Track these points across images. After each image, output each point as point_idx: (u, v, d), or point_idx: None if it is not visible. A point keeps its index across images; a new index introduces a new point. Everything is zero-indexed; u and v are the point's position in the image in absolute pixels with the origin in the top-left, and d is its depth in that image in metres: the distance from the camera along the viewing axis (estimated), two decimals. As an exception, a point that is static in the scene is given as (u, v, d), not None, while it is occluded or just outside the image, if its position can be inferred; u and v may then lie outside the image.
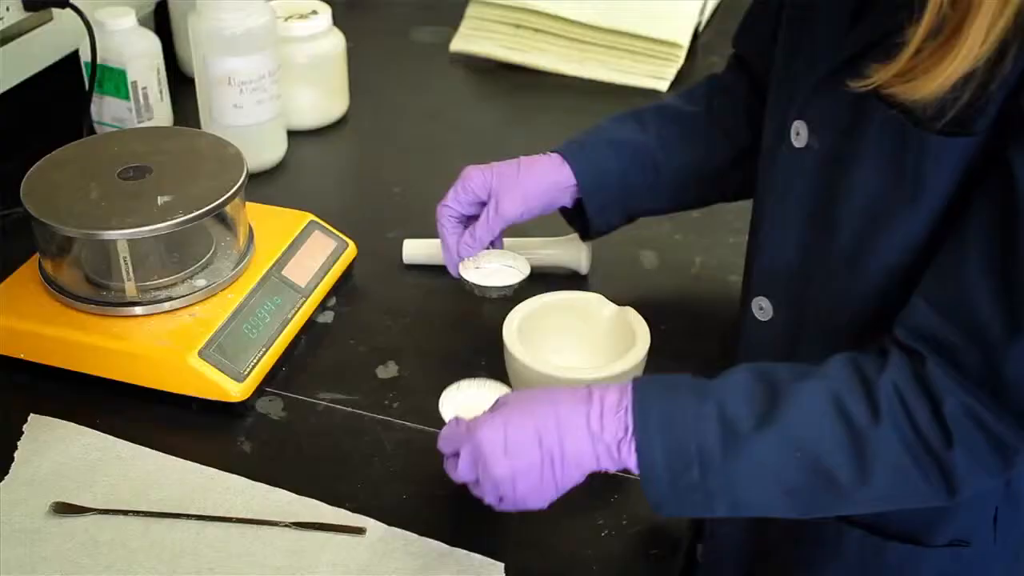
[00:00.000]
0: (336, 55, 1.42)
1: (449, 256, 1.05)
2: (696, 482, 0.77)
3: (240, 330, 1.00)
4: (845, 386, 0.76)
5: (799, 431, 0.76)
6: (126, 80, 1.32)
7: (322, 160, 1.40)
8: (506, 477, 0.79)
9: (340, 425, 0.98)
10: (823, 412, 0.76)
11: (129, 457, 0.94)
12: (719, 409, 0.77)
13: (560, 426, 0.79)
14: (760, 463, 0.76)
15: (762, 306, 0.92)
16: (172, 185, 1.01)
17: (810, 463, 0.76)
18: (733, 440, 0.76)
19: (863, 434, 0.75)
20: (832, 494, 0.77)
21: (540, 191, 1.04)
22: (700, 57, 1.66)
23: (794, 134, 0.85)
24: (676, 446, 0.77)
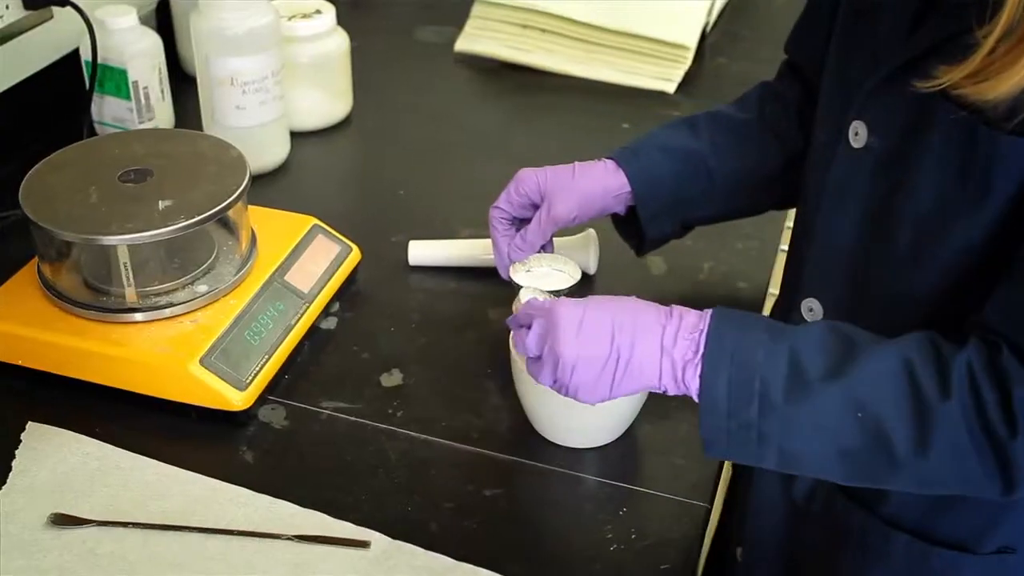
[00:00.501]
0: (340, 55, 1.40)
1: (500, 259, 1.05)
2: (752, 420, 0.77)
3: (242, 337, 0.98)
4: (920, 357, 0.76)
5: (866, 390, 0.75)
6: (127, 80, 1.30)
7: (325, 161, 1.39)
8: (570, 360, 0.80)
9: (343, 435, 0.96)
10: (894, 376, 0.75)
11: (129, 467, 0.92)
12: (791, 351, 0.77)
13: (635, 329, 0.80)
14: (821, 414, 0.76)
15: (812, 308, 0.92)
16: (173, 189, 0.99)
17: (871, 425, 0.75)
18: (799, 384, 0.76)
19: (929, 406, 0.74)
20: (886, 462, 0.76)
21: (594, 196, 1.03)
22: (708, 58, 1.64)
23: (852, 134, 0.85)
24: (741, 378, 0.77)
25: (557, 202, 1.02)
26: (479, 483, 0.91)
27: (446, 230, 1.22)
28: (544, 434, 0.96)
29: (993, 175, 0.75)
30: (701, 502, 0.90)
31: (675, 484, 0.92)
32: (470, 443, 0.95)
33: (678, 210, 1.06)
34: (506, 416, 0.98)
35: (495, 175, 1.33)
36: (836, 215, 0.88)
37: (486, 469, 0.93)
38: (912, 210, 0.80)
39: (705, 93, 1.55)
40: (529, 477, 0.93)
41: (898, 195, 0.82)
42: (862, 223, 0.86)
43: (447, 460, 0.94)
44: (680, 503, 0.90)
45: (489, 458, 0.94)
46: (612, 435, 0.95)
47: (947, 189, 0.78)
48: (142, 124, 1.33)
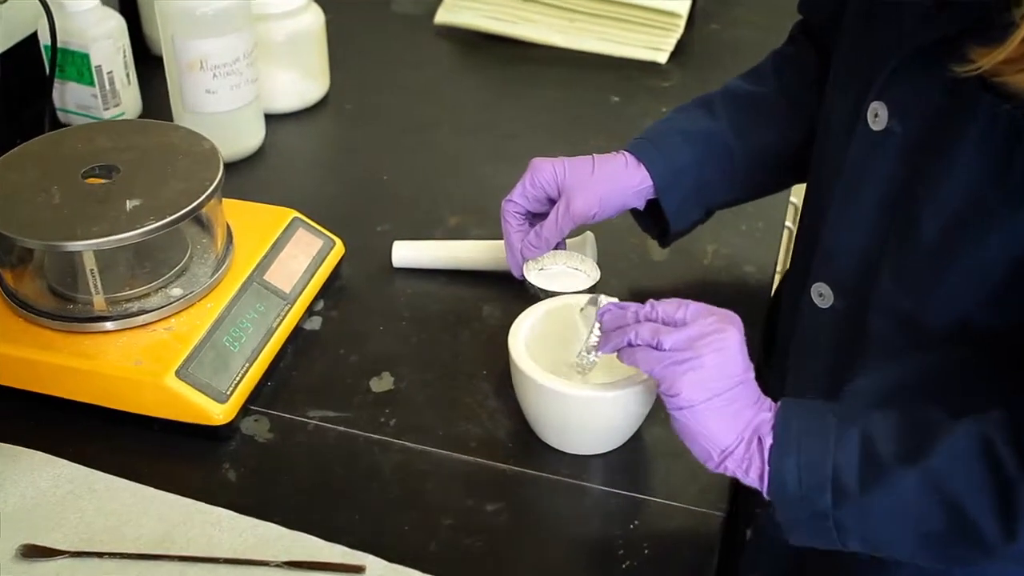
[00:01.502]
0: (315, 31, 1.32)
1: (513, 256, 0.99)
2: (827, 509, 0.73)
3: (221, 343, 0.92)
4: (999, 431, 0.70)
5: (944, 472, 0.70)
6: (89, 64, 1.23)
7: (303, 145, 1.31)
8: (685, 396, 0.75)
9: (332, 447, 0.90)
10: (973, 456, 0.70)
11: (103, 490, 0.86)
12: (862, 434, 0.73)
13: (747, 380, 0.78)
14: (898, 500, 0.71)
15: (822, 292, 0.86)
16: (142, 187, 0.92)
17: (952, 508, 0.70)
18: (873, 470, 0.71)
19: (1012, 487, 0.68)
20: (972, 545, 0.71)
21: (615, 192, 0.97)
22: (699, 25, 1.57)
23: (871, 115, 0.78)
24: (811, 464, 0.73)
25: (577, 198, 0.96)
26: (480, 497, 0.86)
27: (434, 218, 1.16)
28: (546, 440, 0.90)
29: None
30: (716, 511, 0.85)
31: (688, 491, 0.86)
32: (468, 452, 0.89)
33: (702, 197, 1.01)
34: (505, 421, 0.92)
35: (480, 155, 1.28)
36: (851, 200, 0.82)
37: (486, 481, 0.87)
38: (938, 204, 0.74)
39: (698, 62, 1.49)
40: (532, 488, 0.87)
41: (922, 185, 0.76)
42: (880, 210, 0.80)
43: (444, 472, 0.88)
44: (694, 512, 0.85)
45: (489, 468, 0.88)
46: (620, 440, 0.89)
47: (984, 188, 0.72)
48: (107, 111, 1.26)
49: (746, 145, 0.99)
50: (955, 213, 0.74)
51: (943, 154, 0.73)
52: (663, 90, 1.42)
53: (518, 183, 0.99)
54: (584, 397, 0.84)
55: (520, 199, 0.98)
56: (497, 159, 1.26)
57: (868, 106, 0.79)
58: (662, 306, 0.80)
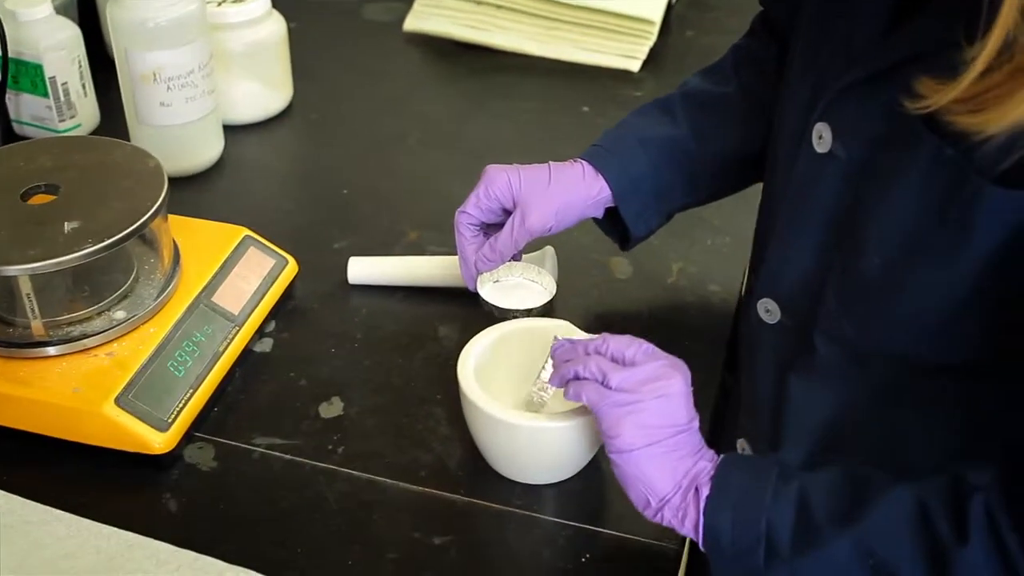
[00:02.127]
0: (276, 41, 1.29)
1: (467, 269, 0.97)
2: (759, 567, 0.70)
3: (164, 369, 0.89)
4: (935, 497, 0.68)
5: (878, 537, 0.68)
6: (43, 75, 1.20)
7: (262, 158, 1.28)
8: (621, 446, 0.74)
9: (278, 476, 0.87)
10: (907, 521, 0.68)
11: (38, 522, 0.83)
12: (800, 493, 0.70)
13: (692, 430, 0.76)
14: (830, 564, 0.69)
15: (768, 308, 0.84)
16: (82, 207, 0.90)
17: (883, 573, 0.68)
18: (807, 532, 0.69)
19: (946, 554, 0.66)
20: None
21: (572, 204, 0.94)
22: (675, 32, 1.55)
23: (816, 137, 0.76)
24: (745, 521, 0.70)
25: (532, 211, 0.93)
26: (427, 529, 0.83)
27: (393, 233, 1.13)
28: (498, 469, 0.87)
29: (975, 224, 0.65)
30: (672, 544, 0.82)
31: (643, 523, 0.82)
32: (417, 482, 0.86)
33: (662, 203, 0.98)
34: (456, 449, 0.89)
35: (446, 168, 1.24)
36: (796, 219, 0.80)
37: (435, 512, 0.84)
38: (880, 233, 0.72)
39: (672, 70, 1.46)
40: (482, 520, 0.84)
41: (865, 212, 0.73)
42: (824, 233, 0.78)
43: (392, 503, 0.85)
44: (649, 546, 0.82)
45: (438, 499, 0.85)
46: (573, 469, 0.87)
47: (920, 223, 0.69)
48: (63, 123, 1.23)
49: (707, 149, 0.97)
50: (896, 246, 0.71)
51: (885, 185, 0.71)
52: (635, 99, 1.39)
53: (471, 193, 0.96)
54: (534, 427, 0.81)
55: (474, 210, 0.95)
56: (464, 172, 1.22)
57: (813, 127, 0.76)
58: (614, 341, 0.78)
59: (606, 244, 1.06)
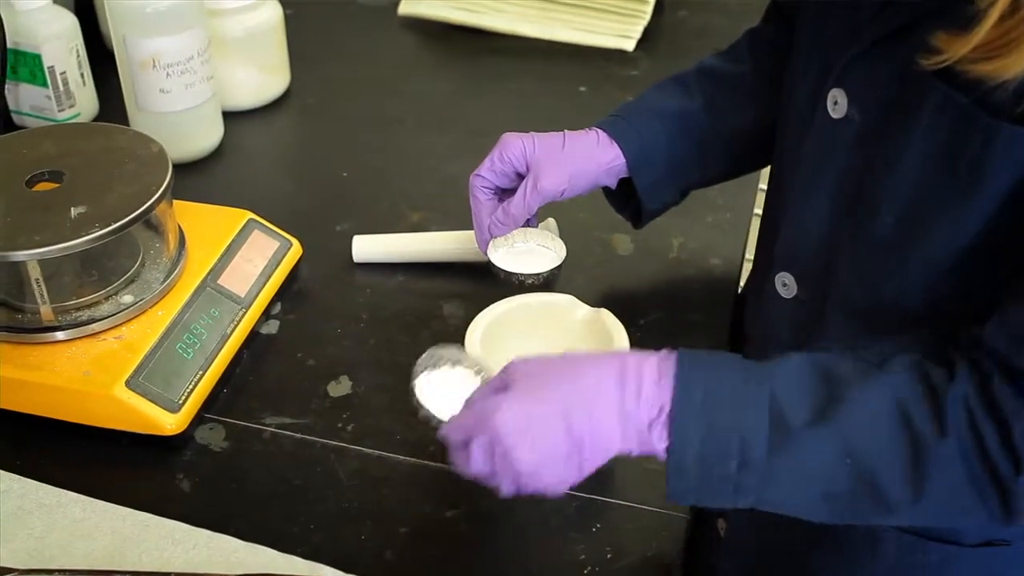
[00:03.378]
0: (273, 26, 1.30)
1: (480, 233, 0.97)
2: (730, 474, 0.68)
3: (173, 351, 0.90)
4: (912, 392, 0.68)
5: (856, 433, 0.67)
6: (42, 65, 1.20)
7: (262, 143, 1.29)
8: (531, 469, 0.70)
9: (289, 454, 0.88)
10: (886, 416, 0.67)
11: (54, 504, 0.84)
12: (771, 397, 0.68)
13: (591, 407, 0.69)
14: (807, 462, 0.68)
15: (785, 282, 0.85)
16: (87, 193, 0.90)
17: (862, 470, 0.68)
18: (782, 434, 0.67)
19: (925, 448, 0.66)
20: (876, 505, 0.69)
21: (585, 169, 0.94)
22: (668, 11, 1.55)
23: (831, 103, 0.76)
24: (717, 434, 0.68)
25: (545, 174, 0.93)
26: (437, 503, 0.84)
27: (395, 215, 1.14)
28: (507, 443, 0.88)
29: (986, 169, 0.66)
30: (680, 512, 0.83)
31: (651, 493, 0.84)
32: (427, 457, 0.87)
33: (676, 177, 0.98)
34: (465, 424, 0.90)
35: (445, 150, 1.25)
36: (811, 188, 0.81)
37: (445, 486, 0.85)
38: (893, 193, 0.73)
39: (666, 49, 1.47)
40: (491, 493, 0.84)
41: (878, 174, 0.74)
42: (839, 199, 0.78)
43: (402, 478, 0.86)
44: (658, 515, 0.83)
45: (447, 473, 0.85)
46: (581, 441, 0.87)
47: (935, 177, 0.70)
48: (62, 112, 1.23)
49: (721, 124, 0.97)
50: (907, 204, 0.72)
51: (897, 143, 0.71)
52: (631, 78, 1.40)
53: (486, 158, 0.96)
54: (542, 399, 0.82)
55: (488, 174, 0.95)
56: (461, 154, 1.23)
57: (828, 93, 0.77)
58: None
59: (608, 221, 1.07)
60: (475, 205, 0.96)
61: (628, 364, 0.70)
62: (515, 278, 0.95)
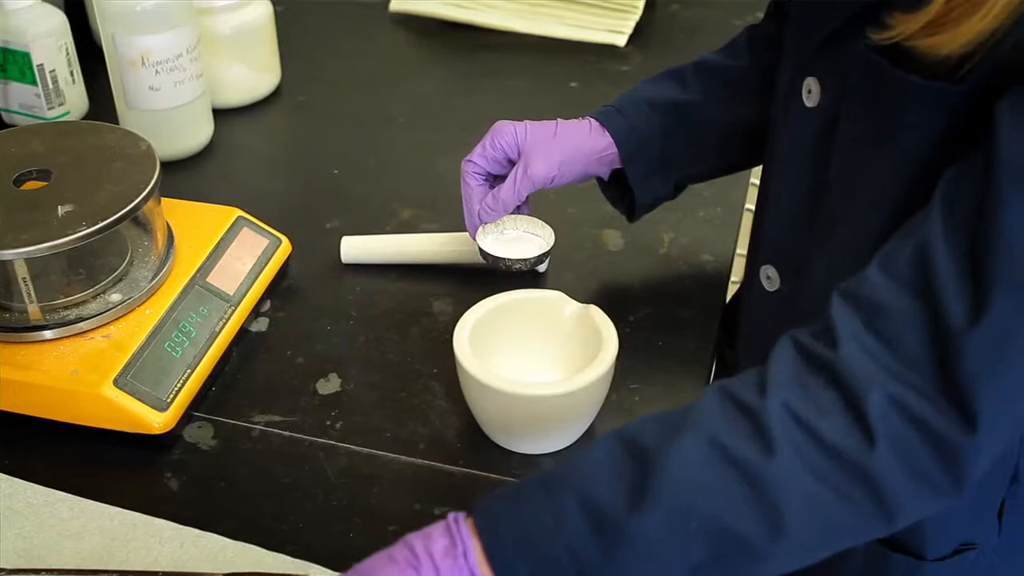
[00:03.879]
0: (263, 23, 1.30)
1: (470, 219, 0.96)
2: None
3: (161, 350, 0.90)
4: (722, 424, 0.63)
5: (685, 495, 0.62)
6: (31, 63, 1.20)
7: (253, 141, 1.29)
8: None
9: (278, 452, 0.88)
10: (706, 462, 0.62)
11: (42, 504, 0.84)
12: (580, 499, 0.62)
13: None
14: (651, 547, 0.62)
15: (769, 275, 0.85)
16: (75, 191, 0.90)
17: (710, 529, 0.62)
18: (609, 531, 0.62)
19: (758, 473, 0.61)
20: (746, 557, 0.63)
21: (577, 157, 0.94)
22: (660, 6, 1.55)
23: (805, 91, 0.77)
24: (543, 562, 0.62)
25: (535, 160, 0.93)
26: (427, 500, 0.84)
27: (385, 213, 1.13)
28: (496, 440, 0.88)
29: (904, 123, 0.68)
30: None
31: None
32: (417, 455, 0.87)
33: (670, 169, 0.97)
34: (455, 421, 0.90)
35: (436, 147, 1.25)
36: (790, 179, 0.81)
37: (435, 483, 0.85)
38: (854, 180, 0.73)
39: (658, 45, 1.46)
40: (481, 490, 0.85)
41: (846, 159, 0.74)
42: (815, 189, 0.78)
43: (392, 475, 0.86)
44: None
45: (438, 471, 0.86)
46: (570, 438, 0.87)
47: (865, 145, 0.71)
48: (52, 110, 1.23)
49: (717, 118, 0.97)
50: (849, 179, 0.73)
51: (852, 128, 0.72)
52: (622, 74, 1.40)
53: (478, 144, 0.95)
54: (530, 397, 0.82)
55: (479, 159, 0.95)
56: (453, 150, 1.22)
57: (803, 82, 0.77)
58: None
59: (598, 216, 1.06)
60: (465, 191, 0.96)
61: (416, 547, 0.65)
62: (503, 263, 0.96)
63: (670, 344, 0.96)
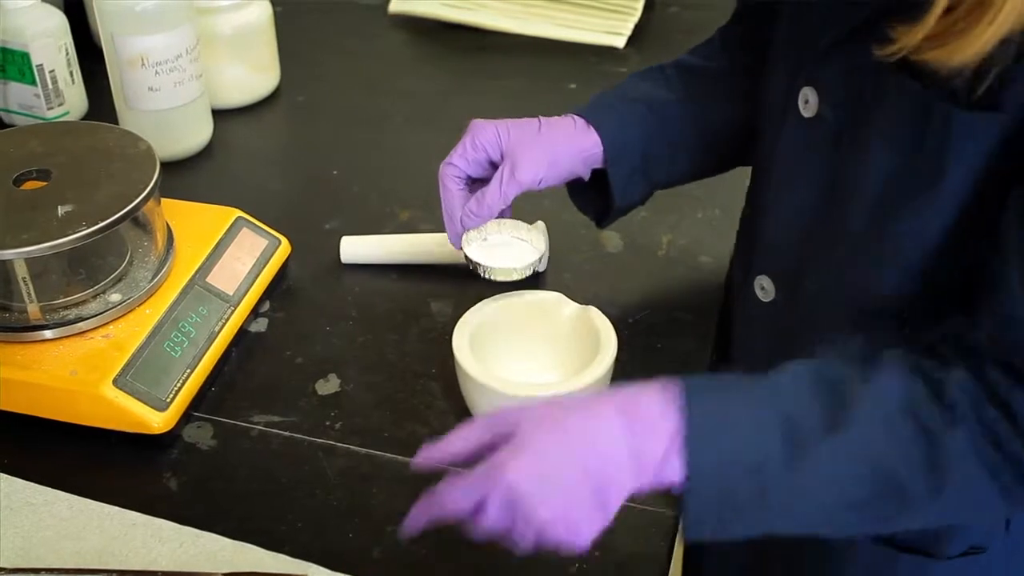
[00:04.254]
0: (263, 24, 1.30)
1: (452, 226, 0.90)
2: (752, 499, 0.67)
3: (160, 350, 0.90)
4: (913, 389, 0.68)
5: (871, 436, 0.67)
6: (30, 63, 1.20)
7: (252, 141, 1.29)
8: (552, 518, 0.67)
9: (276, 453, 0.88)
10: (896, 415, 0.67)
11: (41, 503, 0.84)
12: (781, 415, 0.68)
13: (601, 448, 0.67)
14: (826, 474, 0.67)
15: (763, 286, 0.84)
16: (75, 191, 0.90)
17: (880, 474, 0.67)
18: (799, 446, 0.67)
19: (938, 441, 0.66)
20: (900, 505, 0.68)
21: (564, 155, 0.89)
22: (658, 8, 1.55)
23: (802, 101, 0.76)
24: (732, 460, 0.67)
25: (522, 161, 0.87)
26: (426, 501, 0.84)
27: (384, 213, 1.14)
28: (495, 441, 0.88)
29: (948, 157, 0.67)
30: (669, 510, 0.83)
31: (639, 490, 0.84)
32: (415, 455, 0.87)
33: (648, 170, 0.93)
34: (454, 422, 0.89)
35: (434, 148, 1.23)
36: (787, 189, 0.80)
37: (433, 484, 0.84)
38: (865, 191, 0.73)
39: (657, 46, 1.47)
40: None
41: (851, 171, 0.74)
42: (815, 199, 0.78)
43: (391, 476, 0.86)
44: (646, 512, 0.83)
45: (436, 472, 0.86)
46: (569, 439, 0.88)
47: (902, 171, 0.70)
48: (51, 110, 1.23)
49: (700, 117, 0.94)
50: (877, 201, 0.72)
51: (866, 139, 0.72)
52: (621, 75, 1.37)
53: (457, 145, 0.90)
54: (528, 398, 0.82)
55: (459, 161, 0.89)
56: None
57: (799, 92, 0.77)
58: None
59: (596, 218, 1.06)
60: (445, 196, 0.90)
61: (629, 400, 0.69)
62: (492, 274, 0.90)
63: (668, 345, 0.96)
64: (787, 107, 0.78)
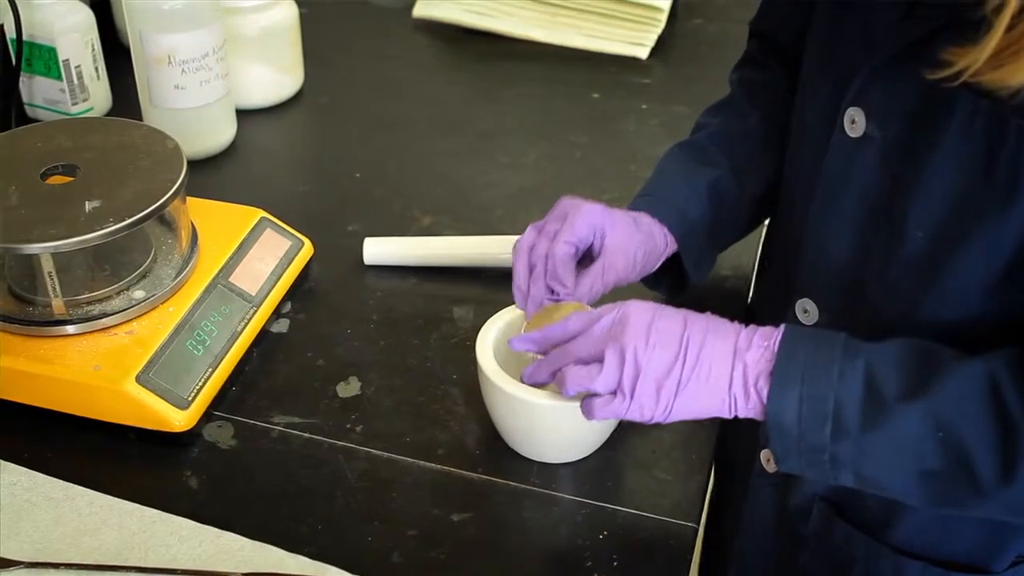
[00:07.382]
0: (288, 26, 1.30)
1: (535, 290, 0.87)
2: (825, 443, 0.71)
3: (183, 348, 0.90)
4: (1005, 373, 0.69)
5: (948, 409, 0.69)
6: (57, 58, 1.20)
7: (275, 142, 1.29)
8: (658, 379, 0.74)
9: (297, 454, 0.88)
10: (978, 396, 0.69)
11: (61, 498, 0.84)
12: (867, 369, 0.71)
13: (708, 329, 0.75)
14: (899, 437, 0.70)
15: (807, 309, 0.84)
16: (102, 187, 0.90)
17: (953, 447, 0.69)
18: (875, 405, 0.70)
19: (1016, 427, 0.67)
20: (968, 487, 0.70)
21: (649, 259, 0.90)
22: (682, 19, 1.55)
23: (848, 122, 0.76)
24: (814, 396, 0.71)
25: (617, 262, 0.87)
26: (446, 506, 0.84)
27: (406, 217, 1.14)
28: (516, 448, 0.88)
29: (1021, 172, 0.67)
30: (688, 522, 0.83)
31: (659, 502, 0.84)
32: (436, 460, 0.87)
33: (714, 247, 0.97)
34: (474, 428, 0.90)
35: (456, 153, 1.25)
36: (832, 210, 0.80)
37: (453, 490, 0.85)
38: (924, 208, 0.72)
39: (680, 58, 1.47)
40: (500, 498, 0.85)
41: (905, 191, 0.73)
42: (864, 220, 0.78)
43: (411, 480, 0.86)
44: (665, 524, 0.83)
45: (456, 477, 0.86)
46: (590, 448, 0.88)
47: (967, 186, 0.70)
48: (76, 105, 1.23)
49: (748, 183, 0.95)
50: (939, 219, 0.72)
51: (925, 157, 0.71)
52: (644, 86, 1.40)
53: (564, 224, 0.86)
54: (552, 406, 0.82)
55: (573, 239, 0.86)
56: (474, 157, 1.24)
57: (844, 113, 0.76)
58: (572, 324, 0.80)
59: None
60: (558, 267, 0.86)
61: (743, 325, 0.76)
62: None
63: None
64: (831, 129, 0.78)
